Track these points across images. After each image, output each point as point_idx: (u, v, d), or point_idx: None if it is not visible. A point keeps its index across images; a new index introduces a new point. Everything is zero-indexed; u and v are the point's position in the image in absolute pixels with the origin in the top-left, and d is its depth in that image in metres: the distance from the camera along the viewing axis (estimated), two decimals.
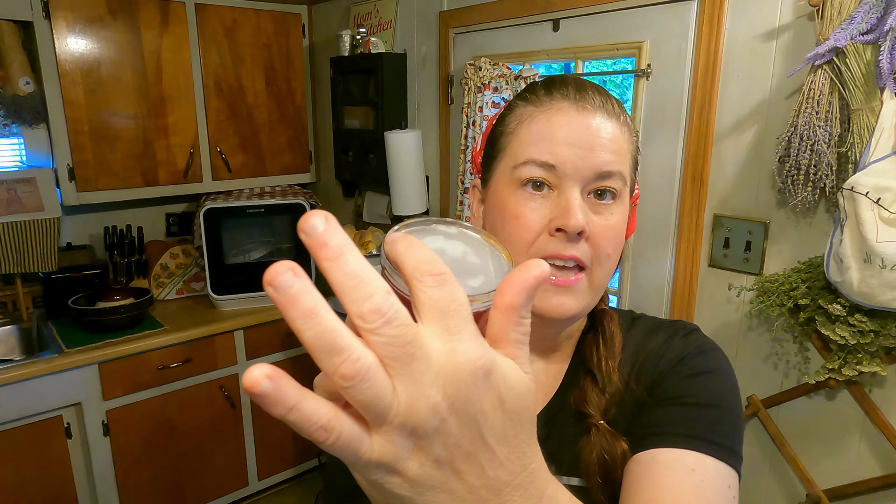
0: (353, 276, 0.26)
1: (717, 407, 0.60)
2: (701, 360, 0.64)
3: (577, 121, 0.59)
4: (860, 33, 1.18)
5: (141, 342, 2.27)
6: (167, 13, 2.42)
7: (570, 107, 0.60)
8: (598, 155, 0.58)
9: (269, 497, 2.80)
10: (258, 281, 2.63)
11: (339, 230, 0.26)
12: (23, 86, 2.25)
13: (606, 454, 0.60)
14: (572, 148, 0.58)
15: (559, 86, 0.62)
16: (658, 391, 0.63)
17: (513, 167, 0.61)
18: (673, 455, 0.55)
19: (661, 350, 0.66)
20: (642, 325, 0.71)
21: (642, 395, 0.64)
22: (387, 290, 0.26)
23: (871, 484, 1.34)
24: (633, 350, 0.68)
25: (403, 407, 0.26)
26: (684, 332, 0.68)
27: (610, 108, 0.61)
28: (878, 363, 1.26)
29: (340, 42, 2.50)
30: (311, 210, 0.31)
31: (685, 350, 0.65)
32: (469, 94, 2.00)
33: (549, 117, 0.60)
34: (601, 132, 0.59)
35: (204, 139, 2.60)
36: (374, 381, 0.25)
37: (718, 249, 1.55)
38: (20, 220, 2.25)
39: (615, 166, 0.59)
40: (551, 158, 0.58)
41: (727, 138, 1.50)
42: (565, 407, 0.66)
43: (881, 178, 1.15)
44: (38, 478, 2.16)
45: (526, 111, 0.63)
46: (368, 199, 2.75)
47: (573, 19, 1.80)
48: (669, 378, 0.63)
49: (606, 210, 0.60)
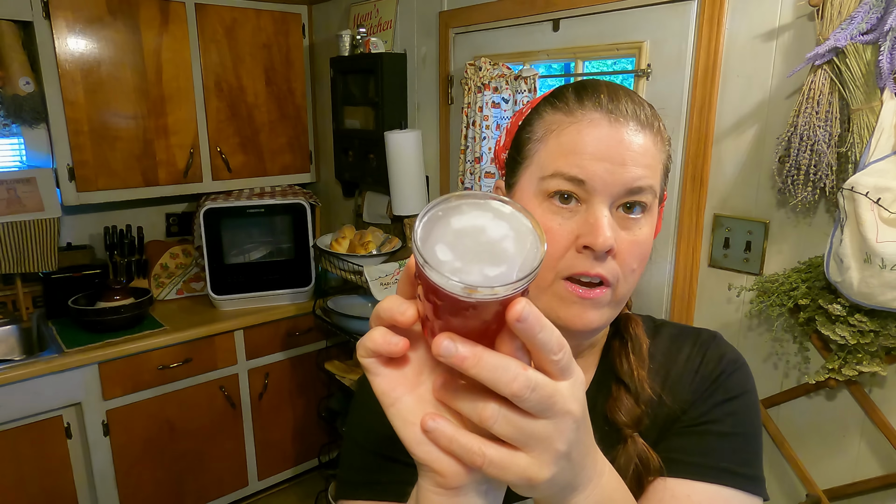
0: (495, 369, 0.34)
1: (748, 435, 0.62)
2: (734, 381, 0.65)
3: (608, 134, 0.57)
4: (860, 33, 1.18)
5: (141, 342, 2.27)
6: (167, 13, 2.42)
7: (602, 118, 0.58)
8: (628, 170, 0.56)
9: (269, 497, 2.80)
10: (258, 281, 2.65)
11: (461, 342, 0.34)
12: (23, 86, 2.25)
13: (642, 467, 0.60)
14: (602, 163, 0.56)
15: (591, 93, 0.60)
16: (693, 412, 0.63)
17: (540, 178, 0.59)
18: (707, 495, 0.58)
19: (693, 364, 0.66)
20: (667, 332, 0.71)
21: (677, 410, 0.64)
22: (523, 366, 0.35)
23: (871, 484, 1.34)
24: (662, 360, 0.68)
25: (555, 432, 0.37)
26: (714, 342, 0.69)
27: (643, 118, 0.59)
28: (878, 363, 1.26)
29: (340, 42, 2.50)
30: (438, 336, 0.35)
31: (720, 366, 0.66)
32: (469, 94, 2.00)
33: (579, 129, 0.58)
34: (633, 145, 0.57)
35: (204, 139, 2.60)
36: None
37: (718, 249, 1.55)
38: (20, 220, 2.25)
39: (646, 181, 0.57)
40: (580, 173, 0.56)
41: (727, 138, 1.50)
42: (591, 414, 0.67)
43: (881, 178, 1.15)
44: (38, 478, 2.16)
45: (555, 119, 0.60)
46: (368, 199, 2.75)
47: (573, 19, 1.80)
48: (705, 400, 0.64)
49: (635, 225, 0.58)
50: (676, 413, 0.64)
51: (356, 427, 0.70)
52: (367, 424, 0.67)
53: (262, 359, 2.64)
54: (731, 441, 0.61)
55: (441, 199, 0.35)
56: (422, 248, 0.33)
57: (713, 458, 0.59)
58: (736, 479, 0.58)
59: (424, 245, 0.33)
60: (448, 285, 0.32)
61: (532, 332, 0.34)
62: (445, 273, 0.32)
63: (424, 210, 0.35)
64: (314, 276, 2.74)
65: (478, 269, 0.33)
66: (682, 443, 0.61)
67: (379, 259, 2.37)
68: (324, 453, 2.87)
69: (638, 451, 0.60)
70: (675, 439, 0.62)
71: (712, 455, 0.59)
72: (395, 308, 0.37)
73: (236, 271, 2.62)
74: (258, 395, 2.65)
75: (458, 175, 2.14)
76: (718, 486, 0.58)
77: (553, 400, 0.35)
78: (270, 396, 2.69)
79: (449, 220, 0.35)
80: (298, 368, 2.76)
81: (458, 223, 0.34)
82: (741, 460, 0.60)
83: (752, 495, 0.58)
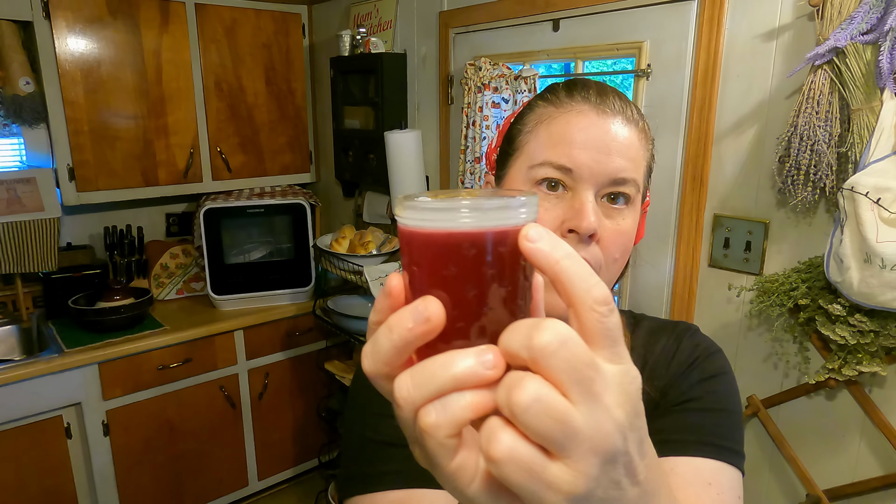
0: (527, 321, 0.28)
1: (727, 411, 0.64)
2: (710, 363, 0.67)
3: (596, 124, 0.60)
4: (860, 33, 1.18)
5: (141, 342, 2.27)
6: (167, 13, 2.42)
7: (591, 110, 0.61)
8: (613, 160, 0.59)
9: (269, 497, 2.80)
10: (258, 281, 2.65)
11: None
12: (23, 86, 2.25)
13: None
14: (590, 152, 0.59)
15: (581, 88, 0.63)
16: (672, 394, 0.65)
17: (529, 167, 0.61)
18: (690, 467, 0.59)
19: (670, 351, 0.69)
20: (646, 325, 0.74)
21: (656, 396, 0.66)
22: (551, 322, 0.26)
23: (871, 484, 1.34)
24: (642, 352, 0.70)
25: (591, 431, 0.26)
26: (689, 332, 0.71)
27: (629, 115, 0.62)
28: (878, 363, 1.26)
29: (340, 42, 2.50)
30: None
31: (695, 352, 0.68)
32: (469, 94, 2.00)
33: (568, 119, 0.61)
34: (619, 137, 0.60)
35: (204, 139, 2.60)
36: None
37: (718, 249, 1.55)
38: (20, 220, 2.25)
39: (630, 173, 0.60)
40: (568, 162, 0.59)
41: (727, 138, 1.50)
42: None
43: (881, 178, 1.15)
44: (38, 478, 2.16)
45: (546, 112, 0.63)
46: (368, 199, 2.75)
47: (573, 19, 1.80)
48: (682, 381, 0.66)
49: (618, 215, 0.61)
50: (656, 399, 0.66)
51: (356, 420, 0.69)
52: (366, 412, 0.67)
53: (262, 359, 2.64)
54: (710, 416, 0.63)
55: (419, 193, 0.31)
56: (404, 200, 0.29)
57: (694, 434, 0.61)
58: (717, 451, 0.60)
59: (406, 198, 0.29)
60: (439, 222, 0.27)
61: (550, 259, 0.27)
62: (433, 207, 0.27)
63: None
64: (314, 276, 2.74)
65: (467, 203, 0.28)
66: (663, 423, 0.63)
67: (379, 259, 2.37)
68: (324, 453, 2.87)
69: None
70: (657, 421, 0.63)
71: (693, 430, 0.61)
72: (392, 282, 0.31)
73: (236, 271, 2.62)
74: (258, 395, 2.65)
75: (458, 175, 2.14)
76: (701, 459, 0.59)
77: (591, 375, 0.26)
78: (270, 396, 2.69)
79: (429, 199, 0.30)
80: (298, 368, 2.76)
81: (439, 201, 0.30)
82: (721, 434, 0.62)
83: (733, 467, 0.60)
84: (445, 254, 0.28)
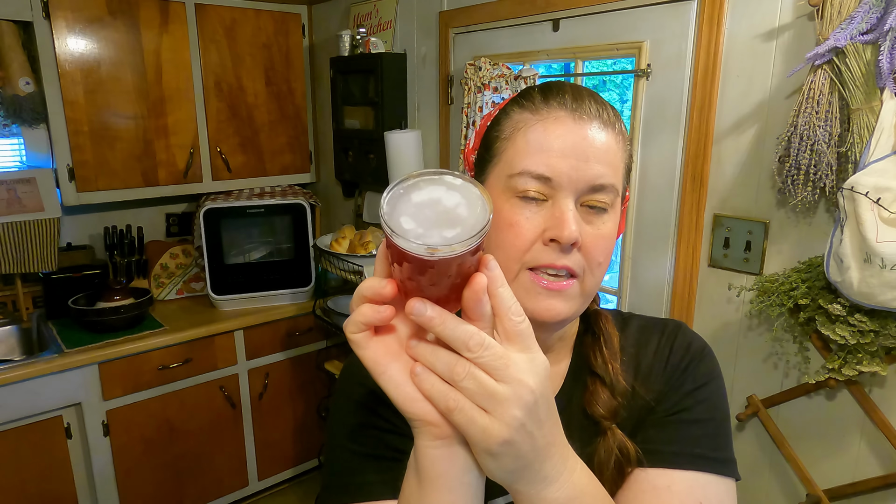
0: (455, 328, 0.42)
1: (716, 420, 0.66)
2: (701, 370, 0.68)
3: (573, 131, 0.60)
4: (860, 33, 1.18)
5: (141, 342, 2.27)
6: (167, 13, 2.42)
7: (567, 116, 0.60)
8: (592, 167, 0.59)
9: (269, 497, 2.80)
10: (258, 281, 2.65)
11: (431, 306, 0.42)
12: (23, 86, 2.25)
13: (622, 458, 0.63)
14: (568, 159, 0.59)
15: (556, 93, 0.62)
16: (666, 403, 0.66)
17: (508, 175, 0.61)
18: (685, 484, 0.61)
19: (663, 355, 0.70)
20: (635, 324, 0.74)
21: (650, 402, 0.67)
22: (477, 332, 0.42)
23: (871, 484, 1.34)
24: (633, 352, 0.71)
25: (509, 396, 0.42)
26: (680, 331, 0.71)
27: (606, 118, 0.62)
28: (878, 363, 1.26)
29: (340, 42, 2.50)
30: (411, 300, 0.42)
31: (687, 356, 0.69)
32: (469, 94, 2.00)
33: (545, 126, 0.60)
34: (596, 143, 0.60)
35: (204, 139, 2.60)
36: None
37: (718, 249, 1.55)
38: (20, 220, 2.25)
39: (608, 179, 0.60)
40: (547, 171, 0.59)
41: (727, 138, 1.50)
42: (568, 408, 0.68)
43: (881, 177, 1.15)
44: (38, 478, 2.16)
45: (522, 118, 0.63)
46: (368, 199, 2.75)
47: (573, 19, 1.80)
48: (675, 391, 0.67)
49: (599, 219, 0.61)
50: (650, 404, 0.67)
51: (337, 432, 0.69)
52: (348, 424, 0.67)
53: (262, 359, 2.64)
54: (703, 427, 0.64)
55: (401, 179, 0.42)
56: (389, 220, 0.40)
57: (688, 446, 0.62)
58: (711, 464, 0.62)
59: (391, 218, 0.40)
60: (414, 248, 0.38)
61: (496, 284, 0.42)
62: (410, 239, 0.38)
63: (388, 189, 0.42)
64: (314, 277, 2.74)
65: (437, 232, 0.39)
66: (658, 433, 0.64)
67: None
68: (324, 454, 2.87)
69: (618, 443, 0.63)
70: (651, 430, 0.65)
71: (687, 443, 0.63)
72: (375, 285, 0.43)
73: (236, 271, 2.62)
74: (258, 396, 2.65)
75: None
76: (696, 473, 0.61)
77: (505, 363, 0.41)
78: (270, 396, 2.69)
79: (409, 195, 0.41)
80: (298, 368, 2.76)
81: (417, 197, 0.41)
82: (714, 445, 0.63)
83: (726, 477, 0.62)
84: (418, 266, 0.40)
